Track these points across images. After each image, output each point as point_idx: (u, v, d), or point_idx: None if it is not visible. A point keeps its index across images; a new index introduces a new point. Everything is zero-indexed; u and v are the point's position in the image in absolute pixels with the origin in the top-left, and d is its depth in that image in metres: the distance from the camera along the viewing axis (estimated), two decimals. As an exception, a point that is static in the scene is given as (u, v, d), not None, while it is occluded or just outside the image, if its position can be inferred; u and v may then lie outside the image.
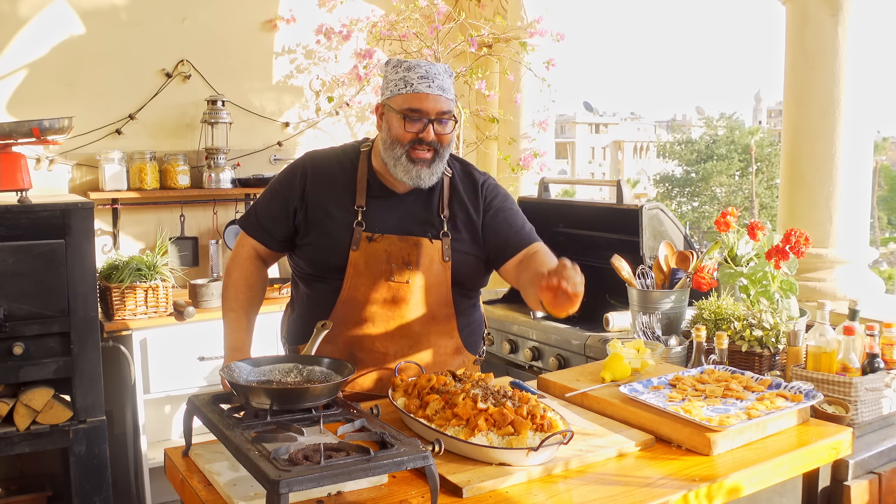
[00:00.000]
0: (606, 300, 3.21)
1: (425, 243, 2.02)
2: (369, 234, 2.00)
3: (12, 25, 3.52)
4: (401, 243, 2.01)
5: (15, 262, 2.76)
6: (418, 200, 2.06)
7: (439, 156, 1.99)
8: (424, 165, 1.97)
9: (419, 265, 2.01)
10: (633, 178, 46.09)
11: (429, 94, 1.94)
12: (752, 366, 2.24)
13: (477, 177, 2.15)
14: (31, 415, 2.83)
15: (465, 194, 2.10)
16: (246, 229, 2.14)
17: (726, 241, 2.57)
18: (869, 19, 2.87)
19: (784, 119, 3.09)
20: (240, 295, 2.11)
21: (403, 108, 1.95)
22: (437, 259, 2.03)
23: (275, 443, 1.44)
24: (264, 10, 4.06)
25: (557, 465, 1.56)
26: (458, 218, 2.07)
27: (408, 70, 1.96)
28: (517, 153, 4.32)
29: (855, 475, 1.87)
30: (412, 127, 1.95)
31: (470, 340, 2.14)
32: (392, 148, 1.98)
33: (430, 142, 1.96)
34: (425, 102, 1.94)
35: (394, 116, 1.97)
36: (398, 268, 2.00)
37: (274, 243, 2.11)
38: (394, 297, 2.01)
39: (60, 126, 2.81)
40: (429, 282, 2.03)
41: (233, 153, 3.97)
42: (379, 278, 2.00)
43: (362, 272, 2.00)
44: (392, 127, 1.97)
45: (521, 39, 4.12)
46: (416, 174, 1.97)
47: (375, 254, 2.00)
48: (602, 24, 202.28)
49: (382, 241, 2.00)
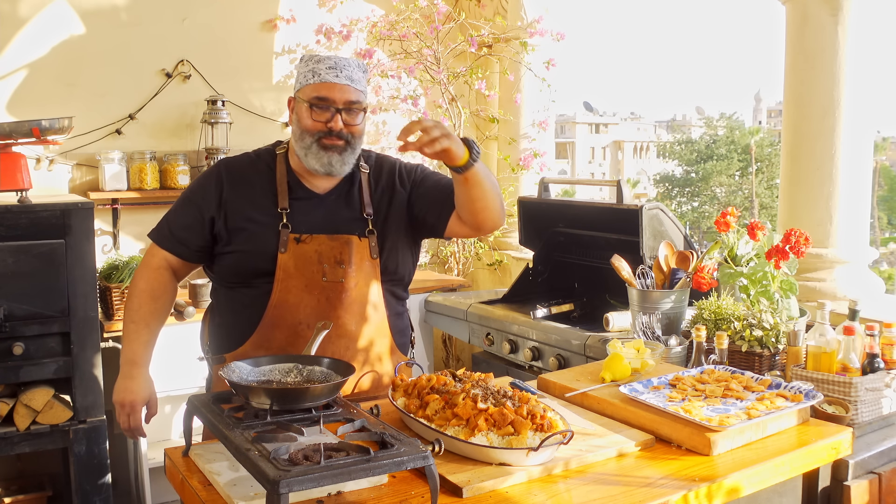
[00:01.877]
0: (606, 300, 3.21)
1: (355, 241, 2.00)
2: (297, 236, 1.96)
3: (12, 25, 3.52)
4: (331, 242, 1.98)
5: (15, 262, 2.76)
6: (340, 199, 2.04)
7: (351, 146, 1.97)
8: (336, 152, 1.95)
9: (351, 263, 1.98)
10: (633, 178, 46.10)
11: (336, 83, 1.92)
12: (752, 366, 2.24)
13: (391, 160, 2.14)
14: (31, 415, 2.84)
15: (385, 181, 2.09)
16: (159, 242, 2.07)
17: (726, 241, 2.56)
18: (869, 19, 2.87)
19: (784, 119, 3.09)
20: (143, 307, 2.04)
21: (311, 97, 1.94)
22: (367, 257, 2.01)
23: (275, 443, 1.44)
24: (264, 10, 4.06)
25: (557, 465, 1.56)
26: (381, 212, 2.06)
27: (317, 62, 1.95)
28: (517, 153, 4.32)
29: (855, 475, 1.87)
30: (320, 116, 1.93)
31: (401, 341, 2.12)
32: (302, 138, 1.96)
33: (338, 132, 1.94)
34: (332, 91, 1.92)
35: (302, 107, 1.95)
36: (331, 267, 1.97)
37: (189, 254, 2.06)
38: (328, 298, 1.97)
39: (60, 126, 2.81)
40: (361, 280, 2.00)
41: (233, 153, 3.95)
42: (311, 279, 1.96)
43: (293, 274, 1.96)
44: (301, 118, 1.96)
45: (521, 39, 4.13)
46: (328, 161, 1.95)
47: (305, 255, 1.96)
48: (602, 24, 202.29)
49: (312, 242, 1.97)
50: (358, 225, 2.02)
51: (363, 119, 1.99)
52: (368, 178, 2.08)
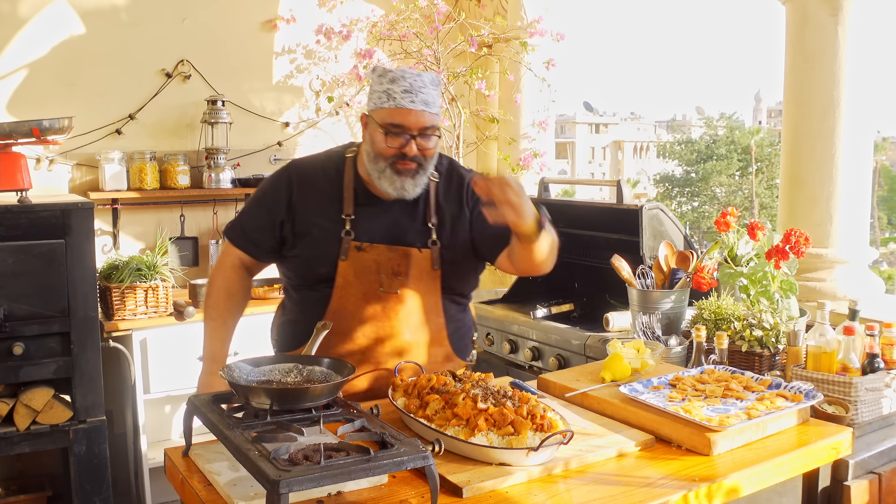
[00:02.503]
0: (606, 300, 3.21)
1: (415, 253, 1.99)
2: (358, 244, 1.97)
3: (12, 25, 3.52)
4: (390, 253, 1.98)
5: (15, 262, 2.76)
6: (405, 208, 2.03)
7: (423, 168, 1.96)
8: (409, 176, 1.94)
9: (409, 276, 1.99)
10: (633, 178, 46.08)
11: (412, 109, 1.89)
12: (752, 366, 2.24)
13: (464, 173, 2.12)
14: (31, 415, 2.84)
15: (453, 195, 2.08)
16: (232, 240, 2.11)
17: (726, 241, 2.56)
18: (869, 19, 2.87)
19: (784, 119, 3.09)
20: (220, 304, 2.09)
21: (386, 123, 1.91)
22: (427, 268, 2.01)
23: (275, 443, 1.44)
24: (264, 10, 4.06)
25: (557, 465, 1.56)
26: (446, 224, 2.05)
27: (392, 82, 1.91)
28: (517, 153, 4.32)
29: (855, 475, 1.87)
30: (394, 142, 1.91)
31: (459, 346, 2.13)
32: (375, 161, 1.95)
33: (413, 157, 1.93)
34: (408, 118, 1.90)
35: (376, 130, 1.93)
36: (388, 278, 1.98)
37: (261, 254, 2.09)
38: (383, 308, 1.99)
39: (60, 126, 2.81)
40: (419, 291, 2.01)
41: (233, 153, 3.97)
42: (368, 288, 1.98)
43: (351, 282, 1.98)
44: (375, 141, 1.94)
45: (521, 39, 4.12)
46: (401, 185, 1.95)
47: (365, 264, 1.97)
48: (602, 24, 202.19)
49: (371, 251, 1.98)
50: (420, 235, 2.02)
51: (436, 141, 1.97)
52: (437, 187, 2.07)
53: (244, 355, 2.37)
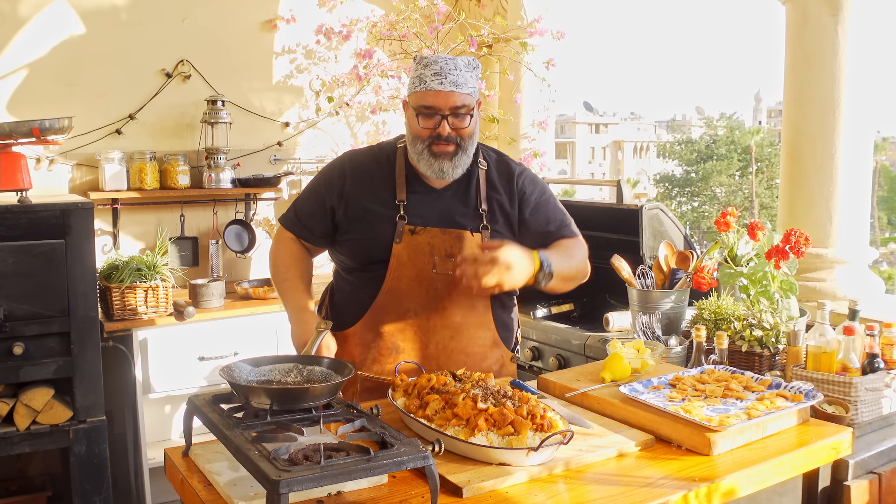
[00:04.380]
0: (606, 300, 3.21)
1: (467, 236, 2.08)
2: (412, 227, 2.06)
3: (12, 25, 3.52)
4: (443, 236, 2.07)
5: (15, 262, 2.76)
6: (457, 194, 2.12)
7: (462, 148, 2.04)
8: (446, 159, 2.03)
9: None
10: (633, 178, 46.09)
11: (440, 90, 1.98)
12: (752, 366, 2.24)
13: (513, 167, 2.20)
14: (31, 415, 2.84)
15: (502, 186, 2.16)
16: (286, 225, 2.22)
17: (726, 241, 2.57)
18: (869, 19, 2.87)
19: (784, 119, 3.09)
20: (290, 268, 2.16)
21: (418, 105, 2.02)
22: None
23: (275, 443, 1.44)
24: (264, 10, 4.06)
25: (557, 465, 1.56)
26: (496, 211, 2.13)
27: (424, 67, 2.01)
28: (517, 153, 4.32)
29: (855, 475, 1.87)
30: (427, 123, 2.01)
31: (504, 335, 2.20)
32: (414, 144, 2.05)
33: (447, 136, 2.00)
34: (437, 99, 1.99)
35: (411, 113, 2.05)
36: (441, 260, 2.06)
37: (313, 238, 2.18)
38: (436, 289, 2.07)
39: (60, 126, 2.81)
40: None
41: (233, 153, 3.97)
42: (422, 270, 2.06)
43: (405, 264, 2.06)
44: (411, 124, 2.05)
45: (520, 39, 4.12)
46: (439, 168, 2.03)
47: (419, 246, 2.06)
48: (602, 24, 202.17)
49: (425, 234, 2.06)
50: (472, 220, 2.10)
51: (472, 121, 2.04)
52: (486, 175, 2.15)
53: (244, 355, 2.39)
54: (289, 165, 4.17)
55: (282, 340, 3.52)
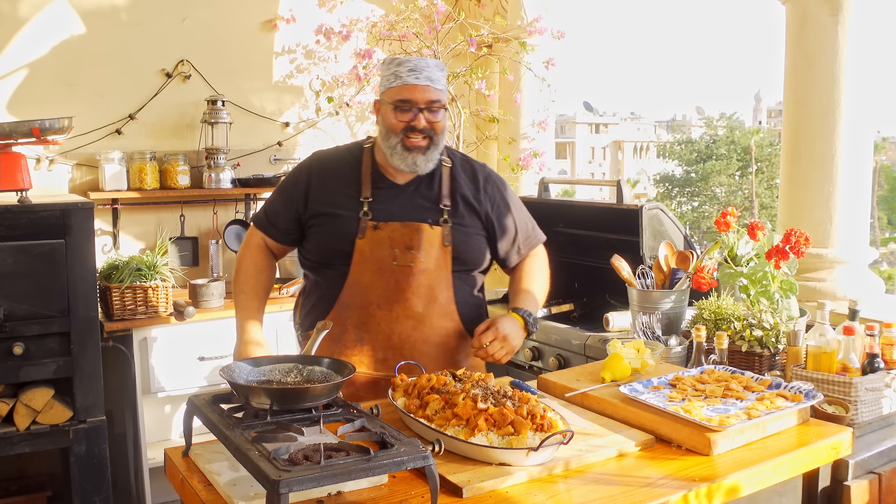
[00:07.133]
0: (606, 300, 3.21)
1: (426, 228, 2.13)
2: (374, 223, 2.12)
3: (12, 25, 3.52)
4: (403, 229, 2.12)
5: (15, 262, 2.76)
6: (419, 190, 2.18)
7: (434, 143, 2.13)
8: (419, 153, 2.11)
9: (420, 249, 2.12)
10: (633, 178, 46.08)
11: (417, 84, 2.07)
12: (752, 366, 2.24)
13: (477, 167, 2.29)
14: (31, 415, 2.84)
15: (465, 185, 2.23)
16: (255, 223, 2.30)
17: (726, 241, 2.56)
18: (869, 19, 2.87)
19: (784, 119, 3.09)
20: (250, 278, 2.24)
21: (395, 100, 2.09)
22: (438, 244, 2.14)
23: (275, 443, 1.44)
24: (264, 10, 4.06)
25: (557, 465, 1.56)
26: (459, 206, 2.19)
27: (398, 65, 2.10)
28: (517, 153, 4.32)
29: (855, 475, 1.87)
30: (403, 116, 2.09)
31: (470, 327, 2.21)
32: (388, 138, 2.12)
33: (422, 129, 2.09)
34: (414, 93, 2.08)
35: (387, 108, 2.12)
36: (401, 252, 2.11)
37: (280, 235, 2.25)
38: (397, 281, 2.12)
39: (60, 126, 2.81)
40: (430, 265, 2.13)
41: (233, 153, 3.96)
42: (383, 262, 2.12)
43: (368, 258, 2.12)
44: (386, 118, 2.12)
45: (520, 39, 4.12)
46: (413, 161, 2.11)
47: (380, 240, 2.12)
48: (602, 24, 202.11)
49: (386, 228, 2.12)
50: (432, 214, 2.17)
51: (444, 116, 2.15)
52: (451, 172, 2.23)
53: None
54: (289, 165, 4.17)
55: (282, 340, 3.52)
